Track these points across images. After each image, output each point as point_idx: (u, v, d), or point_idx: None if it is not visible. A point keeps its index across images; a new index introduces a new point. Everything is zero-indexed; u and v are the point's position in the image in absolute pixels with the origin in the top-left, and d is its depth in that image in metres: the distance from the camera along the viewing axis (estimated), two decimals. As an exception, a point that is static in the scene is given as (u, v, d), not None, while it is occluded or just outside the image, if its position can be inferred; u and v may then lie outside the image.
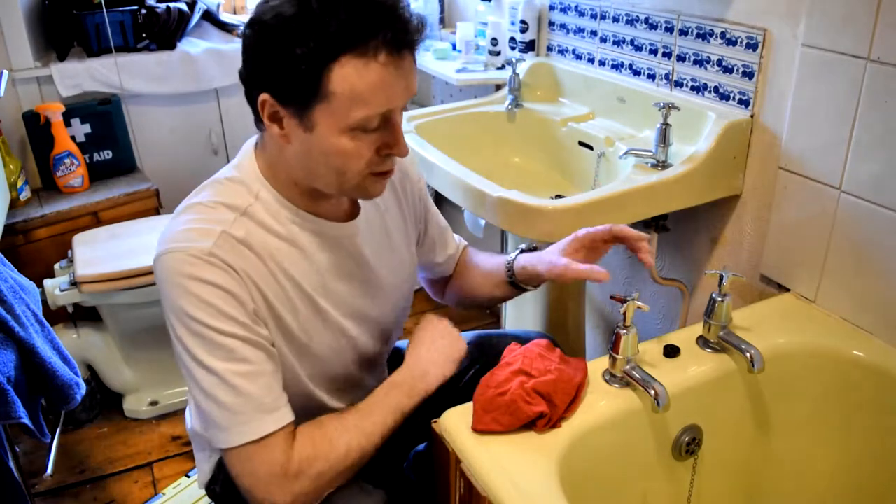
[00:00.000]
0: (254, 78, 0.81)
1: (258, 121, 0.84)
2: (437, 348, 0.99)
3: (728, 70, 1.26)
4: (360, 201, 0.97)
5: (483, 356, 1.12)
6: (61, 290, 1.72)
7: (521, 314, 1.61)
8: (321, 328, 0.93)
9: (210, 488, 1.05)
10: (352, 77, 0.76)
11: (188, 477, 1.69)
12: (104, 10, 2.04)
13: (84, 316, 1.87)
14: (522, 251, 1.09)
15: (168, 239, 0.84)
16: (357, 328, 0.98)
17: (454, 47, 1.95)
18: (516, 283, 1.08)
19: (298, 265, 0.89)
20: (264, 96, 0.80)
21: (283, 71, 0.77)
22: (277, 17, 0.76)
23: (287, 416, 0.85)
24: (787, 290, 1.23)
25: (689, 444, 1.03)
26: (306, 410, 0.95)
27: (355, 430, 0.89)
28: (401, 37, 0.77)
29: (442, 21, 2.16)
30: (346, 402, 1.02)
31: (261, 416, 0.82)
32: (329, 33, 0.74)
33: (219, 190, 0.88)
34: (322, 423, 0.90)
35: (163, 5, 2.15)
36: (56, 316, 1.80)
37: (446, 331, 1.02)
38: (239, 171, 0.89)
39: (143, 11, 2.12)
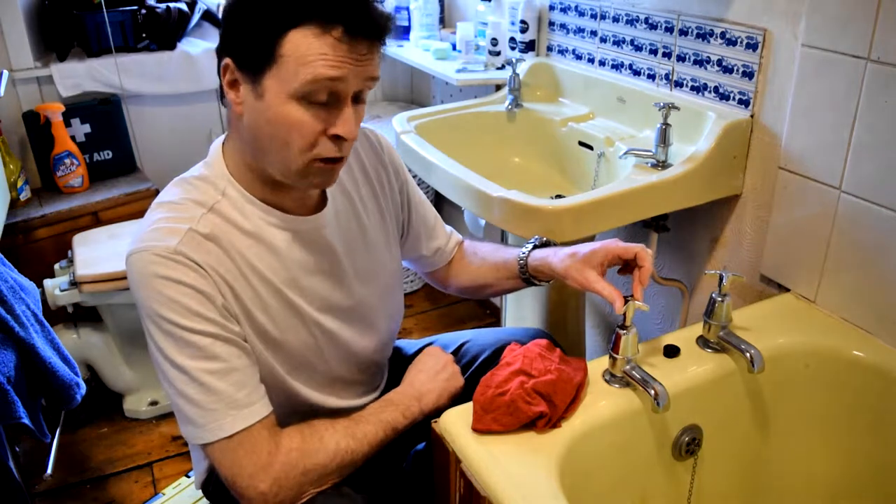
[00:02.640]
0: (223, 44, 0.84)
1: (221, 92, 0.86)
2: (437, 379, 1.01)
3: (728, 70, 1.26)
4: (328, 193, 0.96)
5: (486, 351, 1.12)
6: (61, 290, 1.72)
7: (521, 313, 1.61)
8: (294, 323, 0.93)
9: (205, 488, 1.05)
10: (302, 43, 0.78)
11: (188, 477, 1.69)
12: (104, 10, 2.05)
13: (84, 316, 1.87)
14: (536, 246, 1.07)
15: (136, 239, 0.85)
16: (334, 322, 0.97)
17: (454, 47, 1.95)
18: (530, 280, 1.07)
19: (266, 261, 0.90)
20: (227, 60, 0.82)
21: (243, 35, 0.80)
22: None
23: (263, 409, 0.86)
24: (787, 290, 1.23)
25: (689, 444, 1.03)
26: (293, 409, 0.96)
27: (345, 433, 0.90)
28: (358, 21, 0.79)
29: (442, 21, 2.16)
30: (337, 399, 1.02)
31: (234, 413, 0.83)
32: (291, 3, 0.77)
33: (187, 188, 0.89)
34: (312, 423, 0.90)
35: (163, 5, 2.15)
36: (56, 316, 1.80)
37: (449, 366, 1.04)
38: (207, 169, 0.91)
39: (143, 11, 2.12)
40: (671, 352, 1.05)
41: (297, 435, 0.87)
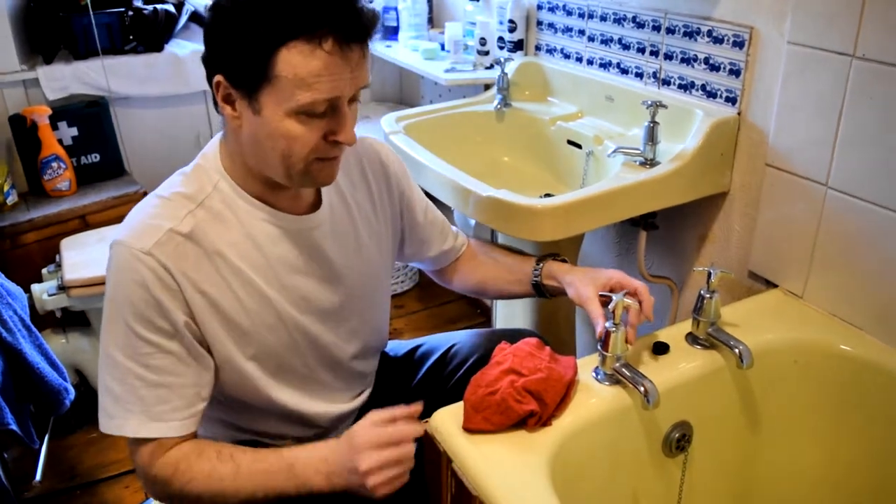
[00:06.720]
0: (211, 59, 0.84)
1: (215, 103, 0.86)
2: (354, 467, 0.84)
3: (715, 68, 1.26)
4: (323, 194, 0.96)
5: (476, 352, 1.12)
6: (49, 295, 1.71)
7: (511, 312, 1.61)
8: (272, 322, 0.92)
9: None
10: (297, 62, 0.78)
11: (179, 481, 1.69)
12: (91, 11, 2.03)
13: (72, 321, 1.85)
14: (553, 258, 1.10)
15: (124, 229, 0.86)
16: (316, 324, 0.97)
17: (442, 47, 1.95)
18: (540, 286, 1.09)
19: (250, 257, 0.90)
20: (218, 77, 0.82)
21: (234, 53, 0.80)
22: (233, 0, 0.79)
23: (170, 430, 0.86)
24: (776, 286, 1.23)
25: (679, 441, 1.04)
26: (279, 415, 0.97)
27: (216, 483, 0.86)
28: (350, 28, 0.79)
29: (430, 21, 2.16)
30: (325, 404, 1.01)
31: (144, 420, 0.85)
32: (279, 19, 0.77)
33: (181, 180, 0.90)
34: (200, 452, 0.88)
35: (150, 7, 2.14)
36: (44, 321, 1.79)
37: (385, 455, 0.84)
38: (203, 161, 0.92)
39: (130, 13, 2.10)
40: (660, 349, 1.05)
41: (172, 466, 0.86)
